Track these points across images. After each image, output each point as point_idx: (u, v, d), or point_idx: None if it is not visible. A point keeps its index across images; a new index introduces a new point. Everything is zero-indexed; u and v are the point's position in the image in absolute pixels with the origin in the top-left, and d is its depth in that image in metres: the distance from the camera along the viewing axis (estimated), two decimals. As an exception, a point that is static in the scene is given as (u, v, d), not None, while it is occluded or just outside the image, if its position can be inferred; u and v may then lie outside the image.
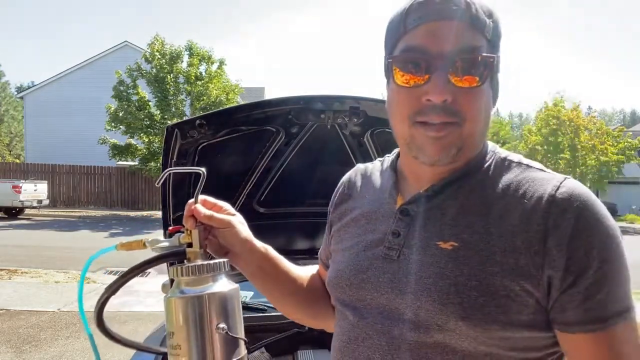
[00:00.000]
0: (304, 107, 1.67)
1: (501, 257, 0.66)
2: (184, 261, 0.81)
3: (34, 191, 16.63)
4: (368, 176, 0.91)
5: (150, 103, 16.55)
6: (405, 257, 0.73)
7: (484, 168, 0.75)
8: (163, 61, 16.48)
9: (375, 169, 0.91)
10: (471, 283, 0.66)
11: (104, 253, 0.86)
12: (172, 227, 0.92)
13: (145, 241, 0.84)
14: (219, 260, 0.79)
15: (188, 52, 17.06)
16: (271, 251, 0.94)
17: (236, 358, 0.76)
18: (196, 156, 1.68)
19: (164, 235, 1.68)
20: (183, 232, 0.83)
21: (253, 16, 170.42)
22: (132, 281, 0.84)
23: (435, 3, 0.68)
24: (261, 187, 1.97)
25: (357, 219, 0.85)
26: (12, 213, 16.52)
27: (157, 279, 6.31)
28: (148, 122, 16.29)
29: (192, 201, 0.84)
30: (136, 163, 17.65)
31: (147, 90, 16.71)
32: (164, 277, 1.80)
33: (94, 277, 7.27)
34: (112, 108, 16.38)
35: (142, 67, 16.73)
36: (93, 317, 0.81)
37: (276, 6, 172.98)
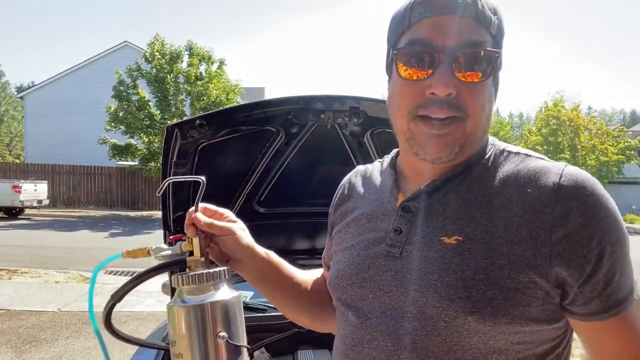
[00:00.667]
0: (304, 107, 1.67)
1: (507, 249, 0.65)
2: (186, 269, 0.81)
3: (34, 191, 16.60)
4: (368, 177, 0.90)
5: (150, 103, 16.53)
6: (408, 254, 0.72)
7: (484, 161, 0.74)
8: (163, 61, 16.47)
9: (375, 170, 0.90)
10: (478, 276, 0.65)
11: (111, 261, 0.88)
12: (173, 236, 0.92)
13: (149, 249, 0.84)
14: (220, 268, 0.79)
15: (188, 52, 17.05)
16: (273, 256, 0.93)
17: None
18: (196, 156, 1.67)
19: (164, 236, 1.69)
20: (184, 240, 0.83)
21: (253, 16, 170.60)
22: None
23: None
24: (261, 187, 1.97)
25: (358, 219, 0.84)
26: (12, 213, 16.49)
27: (157, 279, 6.26)
28: (148, 122, 16.28)
29: (193, 209, 0.83)
30: (136, 163, 17.64)
31: (147, 90, 16.69)
32: (164, 277, 1.81)
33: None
34: (112, 108, 16.37)
35: (142, 67, 16.72)
36: (102, 321, 0.82)
37: (276, 6, 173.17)
